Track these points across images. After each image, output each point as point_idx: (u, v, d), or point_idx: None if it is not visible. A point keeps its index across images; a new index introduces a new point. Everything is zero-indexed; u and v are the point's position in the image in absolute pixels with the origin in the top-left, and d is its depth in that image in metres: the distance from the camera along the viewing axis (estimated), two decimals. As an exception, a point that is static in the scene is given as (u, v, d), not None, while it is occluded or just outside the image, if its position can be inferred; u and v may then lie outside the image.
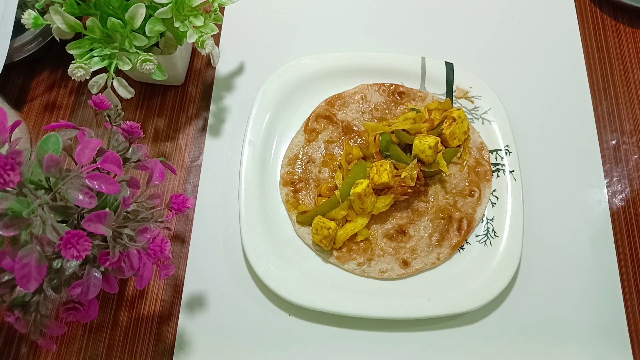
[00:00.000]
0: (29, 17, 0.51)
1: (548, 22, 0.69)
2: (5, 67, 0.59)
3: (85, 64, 0.51)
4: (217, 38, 0.68)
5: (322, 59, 0.63)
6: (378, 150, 0.57)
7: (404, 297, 0.53)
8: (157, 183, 0.44)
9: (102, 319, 0.54)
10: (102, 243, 0.39)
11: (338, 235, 0.54)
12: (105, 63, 0.52)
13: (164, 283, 0.56)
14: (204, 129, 0.63)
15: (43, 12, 0.52)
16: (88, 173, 0.37)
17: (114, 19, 0.50)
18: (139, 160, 0.46)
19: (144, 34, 0.52)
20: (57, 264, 0.39)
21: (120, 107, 0.48)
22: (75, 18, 0.51)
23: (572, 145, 0.62)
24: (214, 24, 0.56)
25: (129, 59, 0.53)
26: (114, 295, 0.55)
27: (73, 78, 0.51)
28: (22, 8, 0.60)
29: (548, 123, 0.63)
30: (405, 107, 0.62)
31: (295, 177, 0.59)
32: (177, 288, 0.56)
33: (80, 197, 0.36)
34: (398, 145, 0.57)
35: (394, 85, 0.63)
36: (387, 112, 0.62)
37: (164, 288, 0.56)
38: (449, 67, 0.63)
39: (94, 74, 0.52)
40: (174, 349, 0.53)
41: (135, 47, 0.52)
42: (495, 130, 0.60)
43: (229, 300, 0.55)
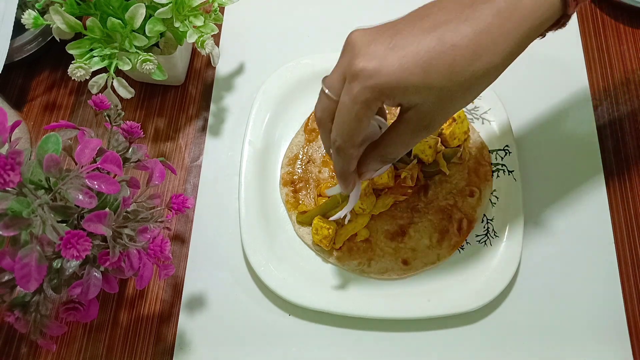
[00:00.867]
0: (29, 17, 0.51)
1: (548, 22, 0.69)
2: (5, 67, 0.59)
3: (85, 64, 0.51)
4: (217, 38, 0.68)
5: (322, 59, 0.63)
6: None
7: (404, 297, 0.53)
8: (157, 183, 0.44)
9: (102, 319, 0.54)
10: (102, 243, 0.39)
11: (338, 235, 0.54)
12: (105, 63, 0.52)
13: (164, 283, 0.56)
14: (204, 129, 0.63)
15: (43, 12, 0.52)
16: (88, 173, 0.37)
17: (114, 19, 0.50)
18: (139, 160, 0.46)
19: (144, 34, 0.52)
20: (57, 264, 0.39)
21: (120, 107, 0.48)
22: (75, 18, 0.51)
23: (572, 145, 0.62)
24: (214, 24, 0.56)
25: (129, 59, 0.53)
26: (114, 295, 0.55)
27: (73, 78, 0.51)
28: (22, 8, 0.60)
29: (548, 123, 0.63)
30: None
31: (295, 177, 0.59)
32: (177, 288, 0.56)
33: (80, 197, 0.36)
34: (398, 145, 0.56)
35: (394, 85, 0.62)
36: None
37: (164, 288, 0.56)
38: (449, 67, 0.63)
39: (94, 74, 0.52)
40: (174, 349, 0.53)
41: (135, 47, 0.52)
42: (495, 130, 0.60)
43: (229, 300, 0.55)
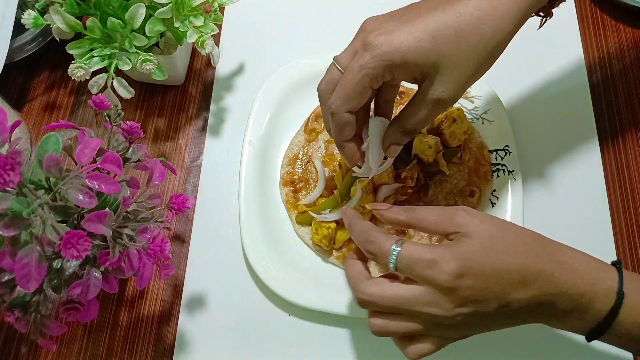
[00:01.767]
0: (29, 17, 0.51)
1: (548, 21, 0.69)
2: (5, 67, 0.59)
3: (85, 64, 0.51)
4: (217, 38, 0.68)
5: (322, 59, 0.63)
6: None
7: (404, 297, 0.53)
8: (157, 183, 0.44)
9: (102, 319, 0.54)
10: (102, 243, 0.39)
11: (338, 235, 0.54)
12: (105, 63, 0.52)
13: (164, 283, 0.56)
14: (204, 129, 0.63)
15: (43, 12, 0.52)
16: (88, 173, 0.37)
17: (114, 19, 0.50)
18: (139, 160, 0.46)
19: (144, 34, 0.52)
20: (57, 264, 0.39)
21: (120, 107, 0.48)
22: (75, 18, 0.51)
23: (572, 145, 0.62)
24: (214, 24, 0.56)
25: (129, 59, 0.53)
26: (114, 295, 0.55)
27: (73, 78, 0.51)
28: (22, 8, 0.60)
29: (548, 123, 0.63)
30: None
31: (295, 177, 0.59)
32: (177, 288, 0.56)
33: (80, 197, 0.36)
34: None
35: (394, 85, 0.63)
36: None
37: (164, 288, 0.56)
38: (449, 67, 0.63)
39: (94, 74, 0.52)
40: (174, 349, 0.53)
41: (135, 47, 0.52)
42: (495, 130, 0.60)
43: (229, 300, 0.55)
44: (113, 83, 0.53)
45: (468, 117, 0.60)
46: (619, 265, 0.41)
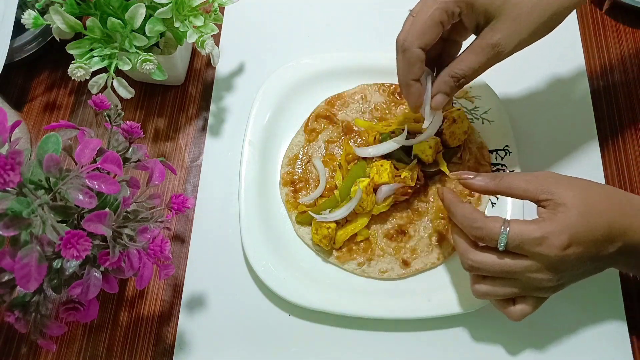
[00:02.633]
0: (29, 17, 0.51)
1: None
2: (5, 67, 0.59)
3: (85, 64, 0.51)
4: (217, 38, 0.68)
5: (322, 59, 0.63)
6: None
7: (404, 297, 0.53)
8: (157, 183, 0.44)
9: (102, 319, 0.54)
10: (102, 243, 0.39)
11: (338, 235, 0.54)
12: (105, 63, 0.52)
13: (164, 283, 0.56)
14: (204, 129, 0.63)
15: (43, 12, 0.52)
16: (88, 173, 0.37)
17: (114, 19, 0.50)
18: (139, 160, 0.46)
19: (144, 34, 0.52)
20: (57, 264, 0.39)
21: (120, 107, 0.48)
22: (75, 18, 0.51)
23: (572, 145, 0.62)
24: (214, 24, 0.56)
25: (129, 59, 0.53)
26: (114, 295, 0.55)
27: (73, 78, 0.51)
28: (22, 8, 0.60)
29: (548, 123, 0.63)
30: (405, 107, 0.61)
31: (295, 177, 0.59)
32: (177, 288, 0.56)
33: (80, 197, 0.36)
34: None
35: (394, 85, 0.63)
36: (387, 112, 0.62)
37: (164, 288, 0.56)
38: (449, 67, 0.63)
39: (94, 74, 0.52)
40: (174, 349, 0.53)
41: (135, 47, 0.52)
42: (495, 130, 0.60)
43: (229, 300, 0.55)
44: (113, 83, 0.53)
45: (468, 117, 0.60)
46: None
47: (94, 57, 0.52)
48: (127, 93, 0.54)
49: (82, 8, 0.52)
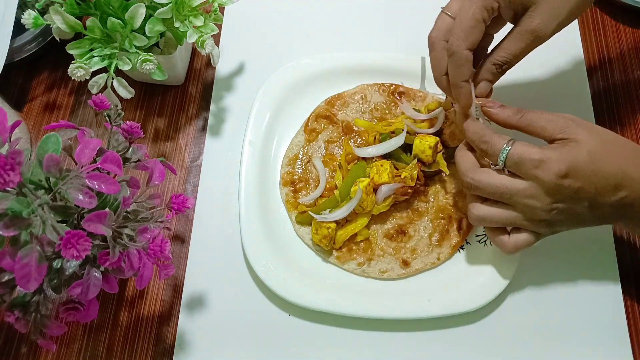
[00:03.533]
0: (29, 17, 0.51)
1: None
2: (5, 67, 0.59)
3: (85, 64, 0.51)
4: (217, 38, 0.68)
5: (322, 59, 0.63)
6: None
7: (404, 297, 0.53)
8: (157, 183, 0.44)
9: (102, 319, 0.54)
10: (102, 243, 0.39)
11: (338, 235, 0.54)
12: (105, 63, 0.52)
13: (164, 283, 0.56)
14: (204, 129, 0.63)
15: (43, 12, 0.52)
16: (88, 173, 0.37)
17: (114, 19, 0.50)
18: (139, 160, 0.46)
19: (144, 34, 0.52)
20: (57, 264, 0.39)
21: (120, 107, 0.48)
22: (75, 18, 0.51)
23: (572, 145, 0.62)
24: (214, 24, 0.56)
25: (129, 59, 0.53)
26: (114, 295, 0.55)
27: (73, 78, 0.51)
28: (22, 8, 0.60)
29: (548, 123, 0.63)
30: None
31: (295, 177, 0.59)
32: (177, 288, 0.56)
33: (80, 197, 0.36)
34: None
35: (394, 85, 0.63)
36: (387, 112, 0.62)
37: (164, 288, 0.56)
38: (449, 67, 0.63)
39: (94, 74, 0.52)
40: (174, 349, 0.53)
41: (135, 47, 0.52)
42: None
43: (229, 300, 0.55)
44: (113, 83, 0.53)
45: (468, 117, 0.60)
46: None
47: (94, 57, 0.52)
48: (127, 93, 0.54)
49: (82, 8, 0.52)
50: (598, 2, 0.70)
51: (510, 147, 0.43)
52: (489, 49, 0.49)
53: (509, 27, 0.47)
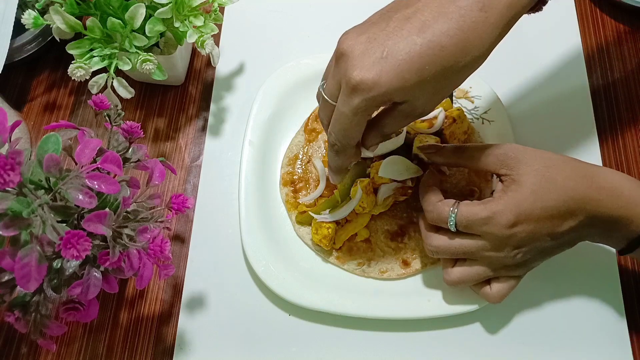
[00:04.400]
0: (29, 17, 0.51)
1: (548, 22, 0.69)
2: (5, 67, 0.59)
3: (85, 64, 0.51)
4: (217, 38, 0.68)
5: (322, 59, 0.63)
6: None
7: (404, 297, 0.53)
8: (157, 183, 0.44)
9: (102, 319, 0.54)
10: (102, 243, 0.39)
11: (338, 235, 0.54)
12: (105, 63, 0.52)
13: (164, 283, 0.56)
14: (204, 129, 0.63)
15: (43, 12, 0.52)
16: (88, 173, 0.37)
17: (114, 19, 0.50)
18: (139, 160, 0.46)
19: (144, 34, 0.52)
20: (57, 264, 0.39)
21: (120, 107, 0.48)
22: (75, 18, 0.51)
23: (572, 145, 0.62)
24: (214, 24, 0.56)
25: (129, 59, 0.53)
26: (114, 295, 0.55)
27: (73, 78, 0.51)
28: (22, 8, 0.60)
29: (548, 123, 0.63)
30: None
31: (295, 177, 0.59)
32: (177, 288, 0.56)
33: (80, 197, 0.36)
34: (398, 145, 0.57)
35: (394, 85, 0.62)
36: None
37: (164, 288, 0.56)
38: (449, 67, 0.62)
39: (94, 74, 0.52)
40: (174, 349, 0.53)
41: (135, 47, 0.52)
42: (495, 130, 0.60)
43: (229, 300, 0.55)
44: (113, 83, 0.53)
45: (468, 117, 0.60)
46: None
47: (94, 57, 0.52)
48: (127, 93, 0.54)
49: (82, 8, 0.52)
50: (598, 2, 0.70)
51: (456, 211, 0.44)
52: None
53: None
